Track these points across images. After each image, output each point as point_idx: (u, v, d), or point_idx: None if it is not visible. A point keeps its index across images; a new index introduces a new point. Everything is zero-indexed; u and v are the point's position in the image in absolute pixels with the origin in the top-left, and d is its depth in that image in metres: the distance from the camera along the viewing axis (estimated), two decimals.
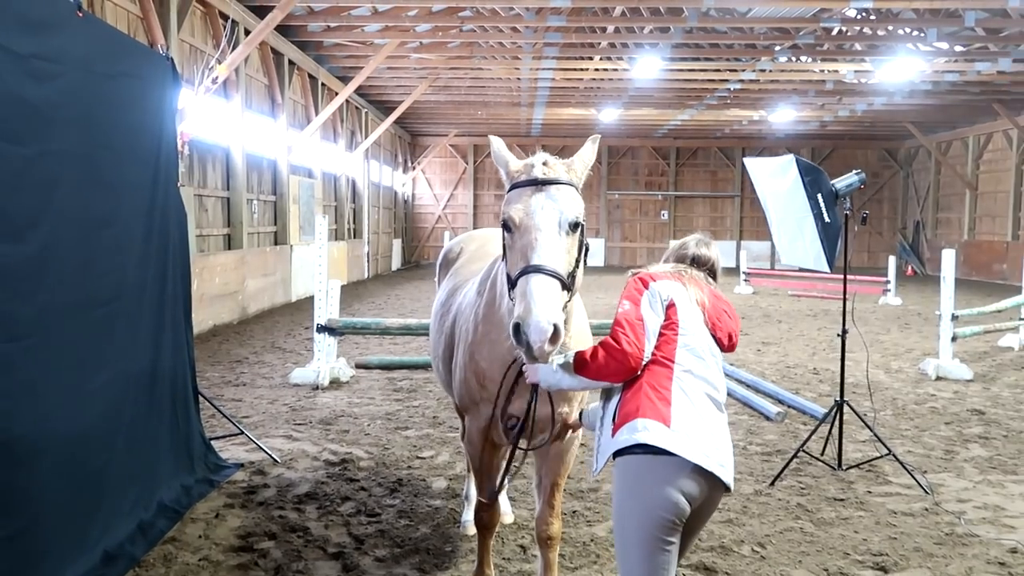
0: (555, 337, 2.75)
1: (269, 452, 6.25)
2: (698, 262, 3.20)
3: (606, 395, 3.10)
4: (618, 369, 2.89)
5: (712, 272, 3.22)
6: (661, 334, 2.95)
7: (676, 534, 2.80)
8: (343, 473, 5.91)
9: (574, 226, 2.99)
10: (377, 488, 5.61)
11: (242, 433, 6.42)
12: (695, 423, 2.84)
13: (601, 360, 2.90)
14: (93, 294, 4.26)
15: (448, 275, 4.70)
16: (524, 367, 3.20)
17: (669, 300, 2.98)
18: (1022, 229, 25.61)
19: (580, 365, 2.95)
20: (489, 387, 3.59)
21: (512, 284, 2.94)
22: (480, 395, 3.67)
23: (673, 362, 2.91)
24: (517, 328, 2.77)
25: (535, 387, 3.25)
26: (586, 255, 3.11)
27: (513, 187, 3.08)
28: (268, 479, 5.76)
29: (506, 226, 3.02)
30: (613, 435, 2.88)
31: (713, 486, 2.85)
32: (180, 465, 5.42)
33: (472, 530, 4.79)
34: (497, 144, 3.27)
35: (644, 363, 2.90)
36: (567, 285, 2.90)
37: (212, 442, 6.10)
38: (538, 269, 2.82)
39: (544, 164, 3.07)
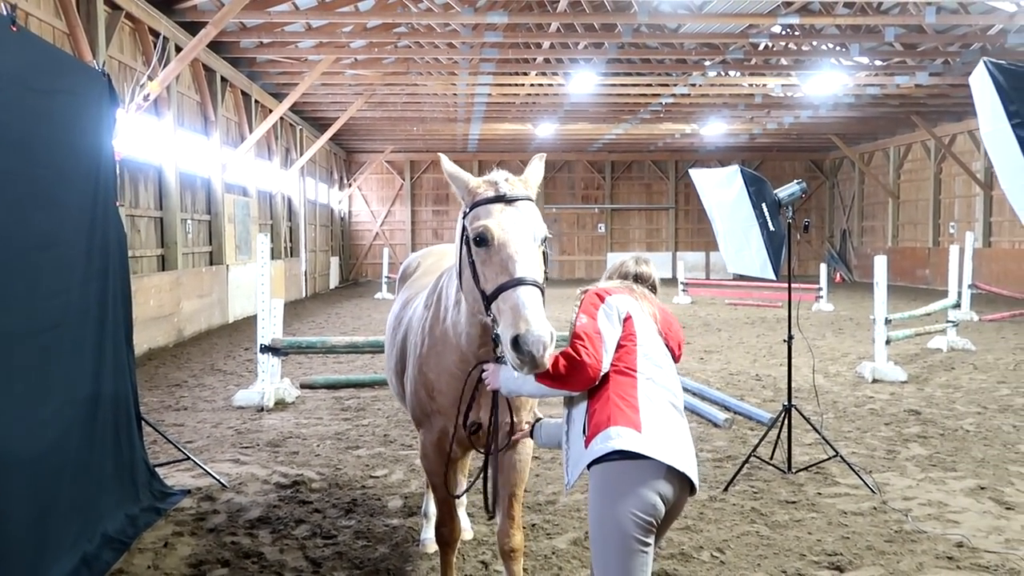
0: (551, 343, 2.83)
1: (217, 477, 6.07)
2: (640, 279, 3.34)
3: (569, 409, 3.12)
4: (578, 379, 2.93)
5: (653, 288, 3.37)
6: (621, 345, 3.03)
7: (652, 535, 2.86)
8: (295, 496, 5.78)
9: (543, 240, 3.09)
10: (331, 509, 5.50)
11: (188, 458, 6.23)
12: (662, 428, 2.91)
13: (562, 370, 2.94)
14: (39, 318, 4.10)
15: (403, 288, 4.71)
16: (484, 374, 3.20)
17: (626, 313, 3.07)
18: (942, 235, 26.69)
19: (541, 373, 2.96)
20: (438, 399, 3.63)
21: (489, 299, 2.96)
22: (430, 407, 3.70)
23: (636, 371, 2.99)
24: (516, 341, 2.79)
25: (495, 393, 3.28)
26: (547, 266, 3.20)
27: (478, 203, 3.11)
28: (217, 504, 5.60)
29: (479, 241, 3.03)
30: (587, 446, 2.90)
31: (682, 487, 2.93)
32: (124, 494, 5.22)
33: (432, 548, 4.73)
34: (448, 163, 3.31)
35: (602, 374, 2.96)
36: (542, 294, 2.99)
37: (156, 469, 5.91)
38: (522, 281, 2.89)
39: (507, 181, 3.15)
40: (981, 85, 3.33)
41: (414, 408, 3.82)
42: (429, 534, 4.81)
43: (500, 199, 3.07)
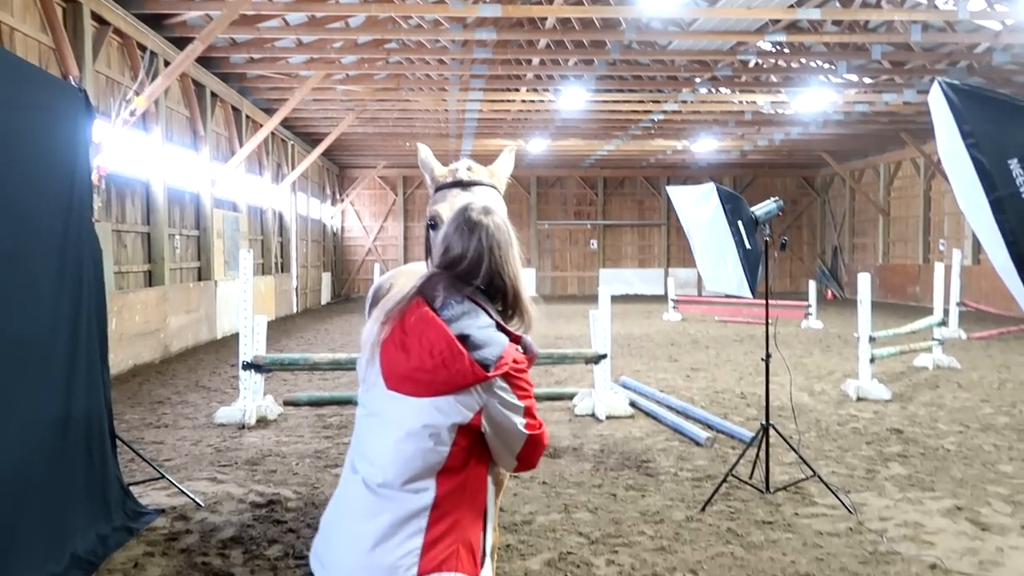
0: None
1: (191, 496, 6.02)
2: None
3: None
4: None
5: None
6: None
7: None
8: (270, 515, 5.73)
9: None
10: (306, 529, 5.45)
11: (163, 477, 6.17)
12: (331, 527, 2.34)
13: None
14: (3, 335, 4.06)
15: (378, 309, 4.65)
16: None
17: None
18: (932, 253, 26.77)
19: None
20: None
21: None
22: None
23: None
24: None
25: None
26: None
27: (439, 188, 3.16)
28: (191, 524, 5.54)
29: (433, 224, 3.06)
30: None
31: None
32: (95, 513, 5.17)
33: None
34: (424, 152, 3.37)
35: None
36: None
37: (131, 487, 5.86)
38: None
39: (468, 169, 3.19)
40: (937, 106, 3.36)
41: None
42: None
43: (457, 184, 3.12)
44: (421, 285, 2.33)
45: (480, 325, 2.24)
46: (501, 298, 2.35)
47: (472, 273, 2.31)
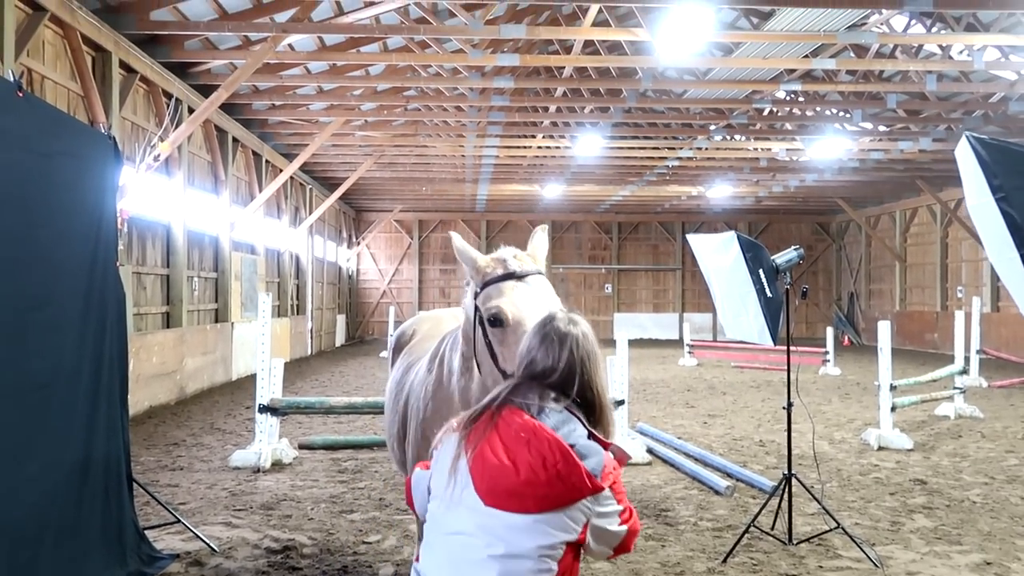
0: None
1: (207, 541, 5.97)
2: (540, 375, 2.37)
3: None
4: None
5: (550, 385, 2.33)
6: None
7: None
8: (285, 561, 5.68)
9: None
10: None
11: (178, 521, 6.14)
12: None
13: None
14: (26, 377, 4.11)
15: (402, 355, 4.67)
16: None
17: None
18: (950, 300, 26.58)
19: None
20: None
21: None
22: None
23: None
24: None
25: None
26: None
27: (488, 283, 3.07)
28: (205, 570, 5.50)
29: (494, 321, 2.98)
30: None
31: None
32: (111, 558, 5.14)
33: None
34: (459, 241, 3.24)
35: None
36: None
37: (146, 531, 5.82)
38: None
39: (515, 257, 3.11)
40: (965, 159, 3.37)
41: None
42: None
43: (510, 276, 3.03)
44: (509, 393, 2.27)
45: (580, 434, 2.21)
46: (589, 409, 2.32)
47: (566, 384, 2.28)
